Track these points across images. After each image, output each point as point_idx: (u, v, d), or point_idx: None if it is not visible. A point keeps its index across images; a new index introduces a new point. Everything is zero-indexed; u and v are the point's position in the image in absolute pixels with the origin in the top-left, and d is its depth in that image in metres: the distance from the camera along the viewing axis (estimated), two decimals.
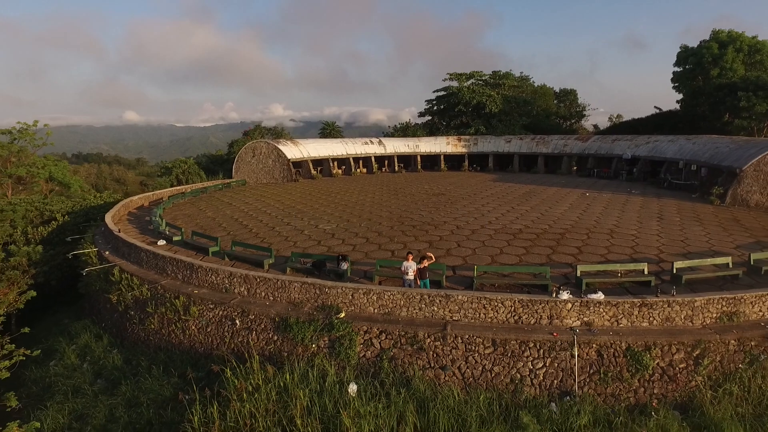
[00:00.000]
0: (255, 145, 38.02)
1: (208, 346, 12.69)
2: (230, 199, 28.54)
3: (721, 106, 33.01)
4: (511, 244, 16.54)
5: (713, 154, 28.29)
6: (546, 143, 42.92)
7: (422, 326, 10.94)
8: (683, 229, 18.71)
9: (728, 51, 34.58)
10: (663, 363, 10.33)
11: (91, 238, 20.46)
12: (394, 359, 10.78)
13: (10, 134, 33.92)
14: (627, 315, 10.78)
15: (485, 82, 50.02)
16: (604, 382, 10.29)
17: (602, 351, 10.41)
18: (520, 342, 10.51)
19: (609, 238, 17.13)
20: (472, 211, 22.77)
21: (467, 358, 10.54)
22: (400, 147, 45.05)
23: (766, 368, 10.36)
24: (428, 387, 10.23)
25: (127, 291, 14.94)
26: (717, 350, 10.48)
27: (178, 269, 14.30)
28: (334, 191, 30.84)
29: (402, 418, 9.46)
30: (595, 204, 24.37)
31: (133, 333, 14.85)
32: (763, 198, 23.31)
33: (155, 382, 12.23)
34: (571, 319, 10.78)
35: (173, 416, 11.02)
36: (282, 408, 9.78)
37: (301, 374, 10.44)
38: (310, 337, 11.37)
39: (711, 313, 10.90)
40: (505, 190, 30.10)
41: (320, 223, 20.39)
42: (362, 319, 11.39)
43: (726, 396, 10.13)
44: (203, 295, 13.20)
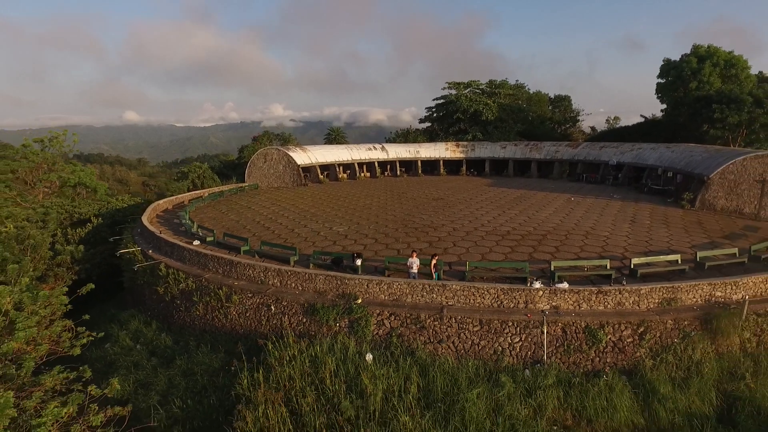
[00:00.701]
0: (266, 151, 40.74)
1: (248, 328, 15.43)
2: (248, 204, 31.27)
3: (699, 117, 35.75)
4: (500, 244, 19.30)
5: (688, 162, 31.03)
6: (539, 149, 45.67)
7: (424, 309, 13.69)
8: (650, 230, 21.47)
9: (706, 65, 37.36)
10: (614, 338, 13.07)
11: (131, 239, 23.17)
12: (401, 335, 13.53)
13: (41, 143, 36.58)
14: (587, 300, 13.52)
15: (482, 90, 52.83)
16: (567, 353, 13.04)
17: (566, 328, 13.15)
18: (502, 321, 13.25)
19: (584, 239, 19.88)
20: (467, 214, 25.53)
21: (459, 334, 13.29)
22: (402, 153, 47.80)
23: (696, 342, 13.11)
24: (428, 356, 12.99)
25: (174, 284, 17.68)
26: (657, 328, 13.23)
27: (218, 265, 17.03)
28: (342, 196, 33.58)
29: (408, 379, 12.20)
30: (577, 208, 27.14)
31: (179, 319, 17.59)
32: (727, 203, 26.06)
33: (205, 356, 14.96)
34: (542, 303, 13.52)
35: (224, 382, 13.75)
36: (314, 372, 12.51)
37: (328, 347, 13.18)
38: (333, 319, 14.11)
39: (654, 299, 13.63)
40: (499, 194, 32.87)
41: (333, 226, 23.15)
42: (375, 304, 14.13)
43: (662, 363, 12.89)
44: (242, 287, 15.93)
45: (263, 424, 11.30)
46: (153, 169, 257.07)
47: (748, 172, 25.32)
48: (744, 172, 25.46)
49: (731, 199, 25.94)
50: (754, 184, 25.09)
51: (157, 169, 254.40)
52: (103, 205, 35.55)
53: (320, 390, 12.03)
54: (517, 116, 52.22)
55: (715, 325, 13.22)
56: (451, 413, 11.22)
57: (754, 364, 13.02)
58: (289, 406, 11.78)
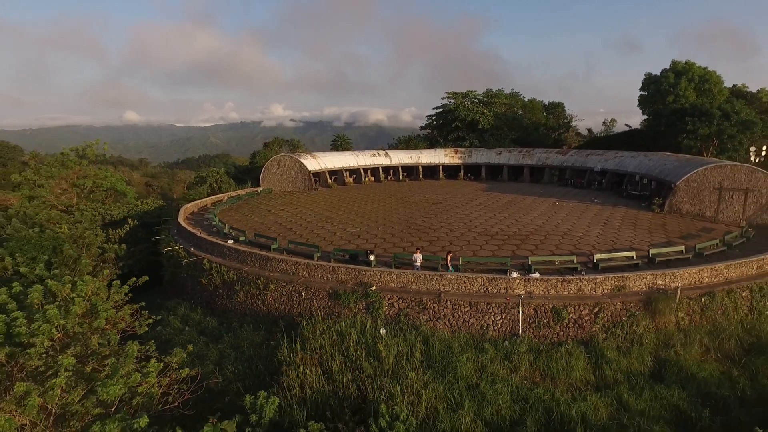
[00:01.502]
0: (280, 158, 44.30)
1: (283, 311, 18.99)
2: (268, 207, 34.83)
3: (675, 128, 39.26)
4: (489, 243, 22.88)
5: (661, 170, 34.61)
6: (531, 156, 49.26)
7: (425, 294, 17.26)
8: (618, 231, 25.06)
9: (682, 80, 40.89)
10: (575, 316, 16.65)
11: (171, 238, 26.71)
12: (408, 314, 17.11)
13: (77, 151, 40.12)
14: (554, 287, 17.09)
15: (479, 100, 56.41)
16: (537, 328, 16.61)
17: (537, 309, 16.73)
18: (487, 303, 16.82)
19: (560, 239, 23.47)
20: (463, 217, 29.12)
21: (453, 313, 16.87)
22: (404, 158, 51.39)
23: (639, 320, 16.69)
24: (429, 330, 16.56)
25: (218, 276, 21.25)
26: (609, 309, 16.81)
27: (255, 260, 20.59)
28: (351, 200, 37.15)
29: (413, 347, 15.75)
30: (560, 211, 30.72)
31: (221, 305, 21.15)
32: (691, 207, 29.63)
33: (249, 333, 18.50)
34: (519, 289, 17.08)
35: (267, 352, 17.29)
36: (340, 342, 16.06)
37: (350, 323, 16.72)
38: (353, 302, 17.68)
39: (607, 286, 17.20)
40: (492, 199, 36.45)
41: (347, 227, 26.74)
42: (386, 290, 17.69)
43: (612, 336, 16.48)
44: (277, 277, 19.49)
45: (303, 379, 14.86)
46: (154, 169, 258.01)
47: (709, 181, 28.90)
48: (705, 181, 29.05)
49: (695, 204, 29.52)
50: (713, 191, 28.67)
51: (158, 170, 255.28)
52: (131, 208, 39.12)
53: (345, 355, 15.58)
54: (511, 124, 55.81)
55: (654, 306, 16.81)
56: (446, 371, 14.79)
57: (684, 337, 16.62)
58: (321, 367, 15.33)
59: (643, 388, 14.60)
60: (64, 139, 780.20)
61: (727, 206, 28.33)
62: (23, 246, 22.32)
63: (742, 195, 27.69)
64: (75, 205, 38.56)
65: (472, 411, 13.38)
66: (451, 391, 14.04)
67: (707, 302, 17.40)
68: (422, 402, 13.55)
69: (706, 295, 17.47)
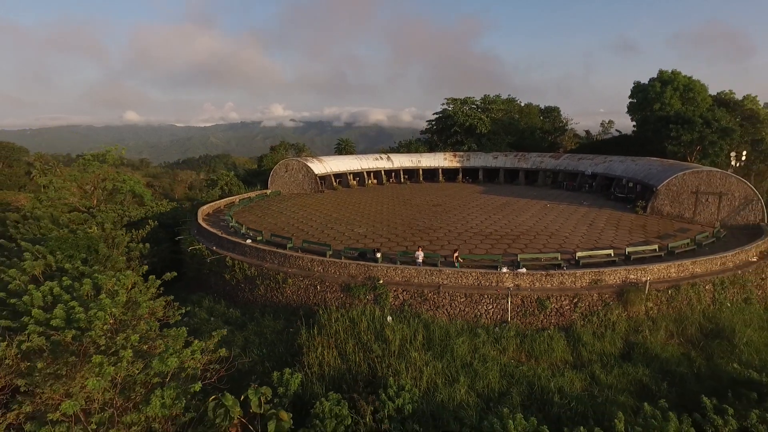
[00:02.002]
0: (288, 162, 46.73)
1: (300, 302, 21.43)
2: (279, 209, 37.24)
3: (660, 135, 41.70)
4: (483, 242, 25.33)
5: (646, 174, 37.04)
6: (526, 159, 51.71)
7: (426, 287, 19.70)
8: (602, 232, 27.51)
9: (668, 89, 43.32)
10: (556, 306, 19.09)
11: (192, 238, 29.11)
12: (411, 304, 19.55)
13: (98, 156, 42.53)
14: (539, 280, 19.53)
15: (477, 106, 58.86)
16: (524, 316, 19.06)
17: (524, 299, 19.17)
18: (480, 295, 19.26)
19: (548, 238, 25.92)
20: (460, 219, 31.57)
21: (451, 303, 19.31)
22: (405, 162, 53.83)
23: (612, 309, 19.13)
24: (430, 318, 19.00)
25: (240, 271, 23.68)
26: (587, 299, 19.25)
27: (275, 257, 23.01)
28: (356, 202, 39.58)
29: (416, 332, 18.17)
30: (550, 213, 33.17)
31: (243, 298, 23.58)
32: (671, 209, 32.08)
33: (270, 322, 20.91)
34: (508, 282, 19.52)
35: (287, 337, 19.71)
36: (352, 328, 18.48)
37: (361, 312, 19.14)
38: (363, 294, 20.11)
39: (585, 280, 19.65)
40: (488, 201, 38.89)
41: (354, 228, 29.17)
42: (392, 283, 20.12)
43: (588, 323, 18.93)
44: (294, 273, 21.92)
45: (321, 359, 17.29)
46: (156, 169, 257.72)
47: (687, 185, 31.35)
48: (684, 185, 31.50)
49: (674, 206, 31.97)
50: (691, 194, 31.12)
51: (159, 170, 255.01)
52: (149, 209, 41.53)
53: (357, 339, 18.02)
54: (508, 129, 58.27)
55: (626, 297, 19.26)
56: (444, 352, 17.24)
57: (652, 323, 19.08)
58: (337, 349, 17.76)
59: (613, 367, 17.06)
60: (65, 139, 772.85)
61: (703, 208, 30.78)
62: (62, 245, 24.67)
63: (717, 198, 30.15)
64: (96, 207, 40.96)
65: (466, 385, 15.82)
66: (448, 368, 16.50)
67: (673, 294, 19.86)
68: (424, 377, 16.00)
69: (672, 288, 19.93)
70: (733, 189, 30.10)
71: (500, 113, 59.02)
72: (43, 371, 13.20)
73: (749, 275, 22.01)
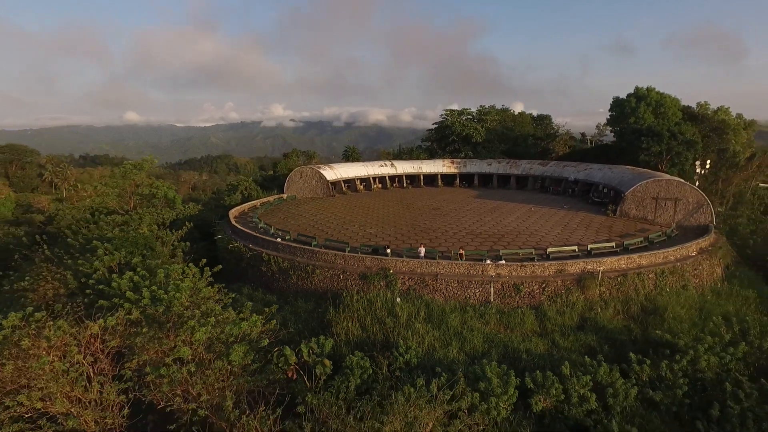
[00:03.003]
0: (302, 169, 52.04)
1: (326, 289, 26.76)
2: (298, 212, 42.57)
3: (634, 145, 46.97)
4: (474, 240, 30.68)
5: (619, 181, 42.37)
6: (517, 166, 57.06)
7: (427, 275, 25.04)
8: (573, 232, 32.85)
9: (641, 105, 48.59)
10: (529, 290, 24.44)
11: (228, 237, 34.38)
12: (415, 289, 24.91)
13: (135, 165, 47.81)
14: (515, 270, 24.87)
15: (472, 117, 64.22)
16: (503, 298, 24.42)
17: (503, 285, 24.51)
18: (469, 281, 24.61)
19: (527, 237, 31.27)
20: (456, 220, 36.92)
21: (446, 288, 24.67)
22: (407, 168, 59.18)
23: (573, 292, 24.47)
24: (430, 299, 24.36)
25: (275, 264, 29.00)
26: (553, 284, 24.59)
27: (304, 253, 28.33)
28: (365, 206, 44.91)
29: (419, 310, 23.52)
30: (533, 216, 38.51)
31: (278, 286, 28.90)
32: (637, 212, 37.40)
33: (302, 304, 26.22)
34: (491, 272, 24.86)
35: (318, 315, 25.04)
36: (369, 307, 23.83)
37: (375, 294, 24.48)
38: (377, 281, 25.45)
39: (552, 270, 24.99)
40: (480, 205, 44.23)
41: (366, 228, 34.51)
42: (400, 273, 25.45)
43: (554, 304, 24.28)
44: (321, 265, 27.24)
45: (346, 330, 22.61)
46: (158, 170, 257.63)
47: (649, 191, 36.69)
48: (646, 191, 36.84)
49: (639, 210, 37.30)
50: (652, 200, 36.46)
51: (161, 171, 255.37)
52: (179, 212, 46.80)
53: (374, 315, 23.36)
54: (501, 137, 63.64)
55: (584, 283, 24.59)
56: (441, 324, 22.57)
57: (603, 304, 24.43)
58: (358, 322, 23.10)
59: (569, 335, 22.42)
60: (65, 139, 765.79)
61: (663, 212, 36.13)
62: (124, 243, 30.02)
63: (673, 203, 35.50)
64: (133, 210, 46.25)
65: (457, 347, 21.17)
66: (443, 336, 21.85)
67: (622, 281, 25.22)
68: (425, 342, 21.36)
69: (621, 276, 25.29)
70: (688, 195, 35.45)
71: (494, 123, 64.35)
72: (146, 334, 18.53)
73: (687, 266, 27.38)
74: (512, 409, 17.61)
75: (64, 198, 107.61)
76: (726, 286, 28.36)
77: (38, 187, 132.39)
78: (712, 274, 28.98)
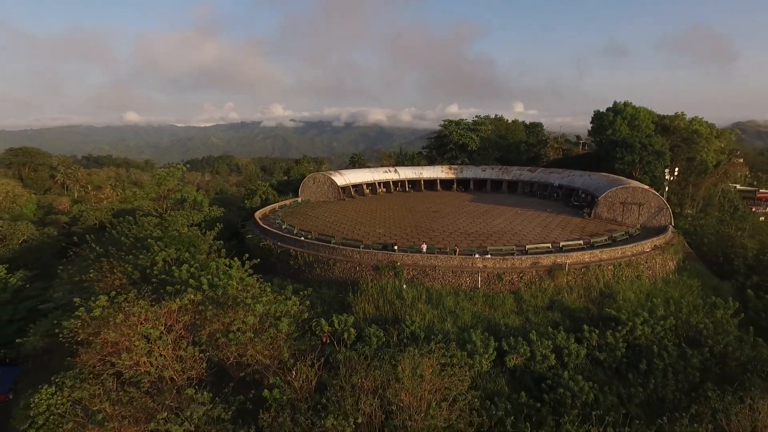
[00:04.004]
0: (315, 176, 58.00)
1: (345, 279, 32.72)
2: (314, 214, 48.53)
3: (610, 155, 52.92)
4: (466, 239, 36.68)
5: (596, 187, 48.33)
6: (508, 172, 63.05)
7: (427, 267, 31.05)
8: (551, 231, 38.82)
9: (618, 118, 54.56)
10: (510, 279, 30.45)
11: (257, 236, 40.28)
12: (418, 278, 30.93)
13: (169, 173, 53.77)
14: (498, 262, 30.87)
15: (468, 127, 70.24)
16: (489, 285, 30.43)
17: (489, 274, 30.51)
18: (461, 271, 30.62)
19: (511, 236, 37.26)
20: (452, 222, 42.92)
21: (443, 277, 30.69)
22: (409, 174, 65.16)
23: (544, 281, 30.46)
24: (430, 286, 30.35)
25: (301, 259, 34.96)
26: (529, 274, 30.60)
27: (326, 249, 34.30)
28: (372, 209, 50.88)
29: (421, 294, 29.51)
30: (518, 218, 44.50)
31: (304, 277, 34.86)
32: (608, 215, 43.37)
33: (326, 290, 32.14)
34: (479, 264, 30.85)
35: (340, 299, 30.98)
36: (381, 292, 29.80)
37: (386, 282, 30.46)
38: (387, 272, 31.44)
39: (528, 262, 31.00)
40: (474, 208, 50.22)
41: (375, 228, 40.49)
42: (405, 265, 31.45)
43: (529, 289, 30.28)
44: (340, 259, 33.21)
45: (363, 310, 28.59)
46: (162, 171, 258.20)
47: (618, 196, 42.67)
48: (616, 196, 42.82)
49: (610, 213, 43.29)
50: (620, 204, 42.44)
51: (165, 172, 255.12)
52: (206, 214, 52.73)
53: (385, 298, 29.35)
54: (495, 145, 69.66)
55: (553, 273, 30.57)
56: (438, 305, 28.58)
57: (569, 289, 30.41)
58: (373, 304, 29.07)
59: (540, 313, 28.40)
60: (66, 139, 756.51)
61: (629, 214, 42.11)
62: (173, 242, 35.83)
63: (638, 207, 41.49)
64: (167, 212, 52.10)
65: (451, 322, 27.17)
66: (440, 314, 27.84)
67: (585, 272, 31.19)
68: (426, 318, 27.36)
69: (584, 268, 31.25)
70: (650, 200, 41.44)
71: (488, 132, 70.38)
72: (211, 311, 24.41)
73: (641, 260, 33.37)
74: (492, 365, 23.66)
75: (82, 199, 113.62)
76: (676, 277, 34.36)
77: (51, 189, 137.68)
78: (665, 267, 34.94)
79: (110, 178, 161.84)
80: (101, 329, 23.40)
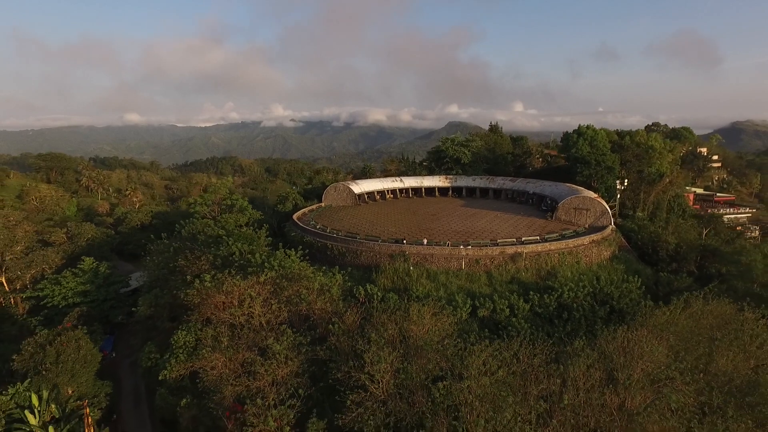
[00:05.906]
0: (336, 185, 71.42)
1: (369, 264, 46.12)
2: (338, 217, 61.91)
3: (573, 169, 66.18)
4: (455, 235, 50.14)
5: (559, 195, 61.65)
6: (493, 181, 76.46)
7: (426, 255, 44.53)
8: (518, 230, 52.21)
9: (580, 139, 67.87)
10: (484, 263, 43.96)
11: (299, 234, 53.59)
12: (420, 263, 44.40)
13: (220, 181, 67.06)
14: (476, 251, 44.31)
15: (461, 143, 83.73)
16: (470, 267, 43.91)
17: (470, 260, 43.94)
18: (451, 257, 44.09)
19: (489, 233, 50.70)
20: (446, 223, 56.35)
21: (437, 261, 44.17)
22: (412, 183, 78.60)
23: (509, 264, 43.91)
24: (429, 268, 43.78)
25: (336, 250, 48.36)
26: (498, 260, 44.07)
27: (353, 242, 47.67)
28: (384, 213, 64.27)
29: (423, 273, 42.92)
30: (497, 220, 57.88)
31: (338, 263, 48.22)
32: (566, 217, 56.69)
33: (355, 272, 45.49)
34: (463, 253, 44.25)
35: (365, 277, 44.36)
36: (395, 273, 43.19)
37: (398, 266, 43.86)
38: (399, 259, 44.86)
39: (497, 251, 44.45)
40: (464, 212, 63.60)
41: (388, 228, 53.91)
42: (412, 254, 44.87)
43: (498, 271, 43.75)
44: (364, 250, 46.60)
45: (383, 284, 42.03)
46: (168, 172, 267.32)
47: (572, 203, 56.04)
48: (571, 203, 56.18)
49: (567, 216, 56.64)
50: (573, 209, 55.82)
51: (171, 173, 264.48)
52: (249, 217, 65.99)
53: (398, 276, 42.83)
54: (484, 159, 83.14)
55: (515, 259, 43.99)
56: (435, 280, 42.10)
57: (525, 270, 43.87)
58: (389, 280, 42.48)
59: (503, 285, 41.82)
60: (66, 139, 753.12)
61: (580, 217, 55.46)
62: (239, 239, 48.91)
63: (586, 211, 54.88)
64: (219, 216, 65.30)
65: (443, 291, 40.62)
66: (436, 286, 41.30)
67: (537, 258, 44.57)
68: (426, 288, 40.84)
69: (537, 255, 44.63)
70: (596, 206, 54.82)
71: (479, 147, 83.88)
72: (285, 283, 37.70)
73: (581, 250, 46.75)
74: (468, 315, 37.05)
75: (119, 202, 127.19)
76: (608, 263, 47.78)
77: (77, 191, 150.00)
78: (600, 255, 48.35)
79: (121, 180, 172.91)
80: (210, 295, 36.57)
